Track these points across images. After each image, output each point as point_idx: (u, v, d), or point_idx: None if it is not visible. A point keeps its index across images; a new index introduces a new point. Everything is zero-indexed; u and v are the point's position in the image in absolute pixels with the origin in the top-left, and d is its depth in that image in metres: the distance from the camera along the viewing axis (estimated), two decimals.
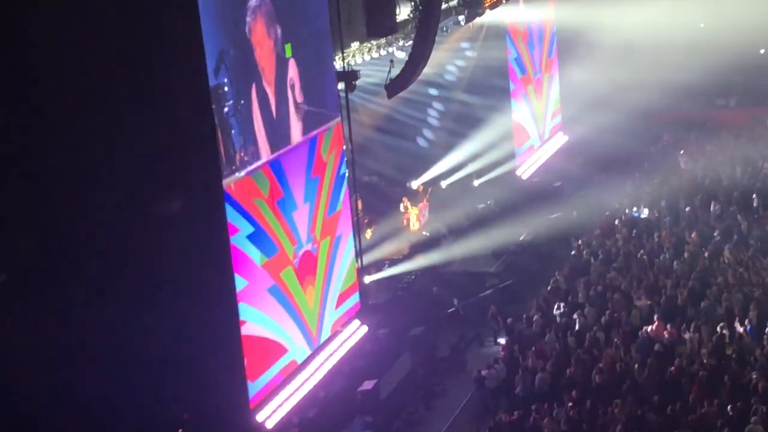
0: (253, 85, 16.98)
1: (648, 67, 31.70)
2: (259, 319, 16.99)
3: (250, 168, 16.67)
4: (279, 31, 17.57)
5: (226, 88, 16.00)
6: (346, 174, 19.71)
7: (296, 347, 18.10)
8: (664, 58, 31.80)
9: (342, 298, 19.62)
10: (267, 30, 17.33)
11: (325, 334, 19.06)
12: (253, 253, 16.85)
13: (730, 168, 27.68)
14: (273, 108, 17.48)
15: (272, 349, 17.41)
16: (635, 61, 31.44)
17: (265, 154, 17.09)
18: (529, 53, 29.49)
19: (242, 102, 16.53)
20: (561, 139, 31.82)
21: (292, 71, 17.97)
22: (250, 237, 16.72)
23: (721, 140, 29.97)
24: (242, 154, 16.51)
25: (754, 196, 25.52)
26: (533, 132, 30.06)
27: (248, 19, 16.82)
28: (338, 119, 19.32)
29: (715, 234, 23.68)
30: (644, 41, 31.68)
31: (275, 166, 17.36)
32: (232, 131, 16.28)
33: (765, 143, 29.18)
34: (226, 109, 16.02)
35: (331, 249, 19.20)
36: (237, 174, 16.30)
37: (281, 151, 17.53)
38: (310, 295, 18.46)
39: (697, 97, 32.58)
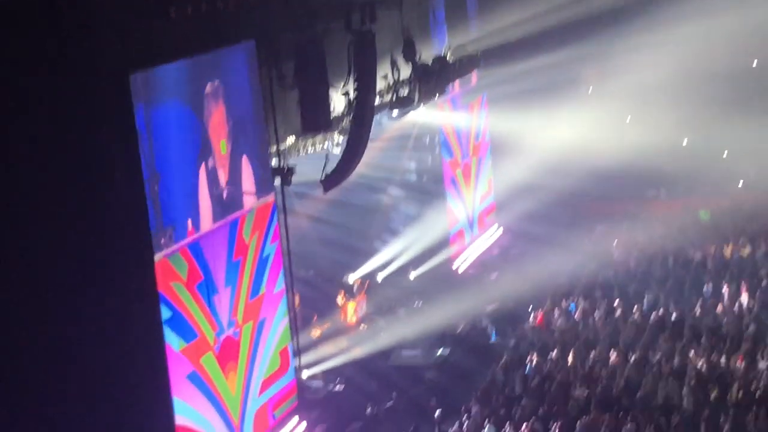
0: (203, 164, 16.45)
1: (578, 158, 31.16)
2: (179, 407, 15.66)
3: (167, 250, 15.53)
4: (225, 107, 17.03)
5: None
6: (271, 257, 18.58)
7: None
8: (593, 148, 31.32)
9: (266, 384, 18.30)
10: (220, 111, 16.86)
11: (248, 421, 17.69)
12: (172, 339, 15.60)
13: (662, 258, 27.01)
14: (221, 185, 16.91)
15: None
16: (565, 153, 30.89)
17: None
18: (457, 137, 28.84)
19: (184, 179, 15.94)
20: (496, 232, 31.05)
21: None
22: (168, 322, 15.52)
23: (654, 231, 29.38)
24: (163, 235, 15.50)
25: (685, 285, 24.93)
26: (461, 215, 29.25)
27: (205, 99, 16.48)
28: (261, 201, 18.29)
29: (649, 323, 22.89)
30: (572, 137, 31.20)
31: (194, 248, 16.24)
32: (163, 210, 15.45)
33: (695, 233, 28.84)
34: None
35: (254, 333, 17.97)
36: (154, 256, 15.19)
37: (200, 233, 16.44)
38: (232, 381, 17.16)
39: (627, 188, 32.26)
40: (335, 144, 22.30)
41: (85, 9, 13.99)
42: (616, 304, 24.38)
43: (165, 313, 15.50)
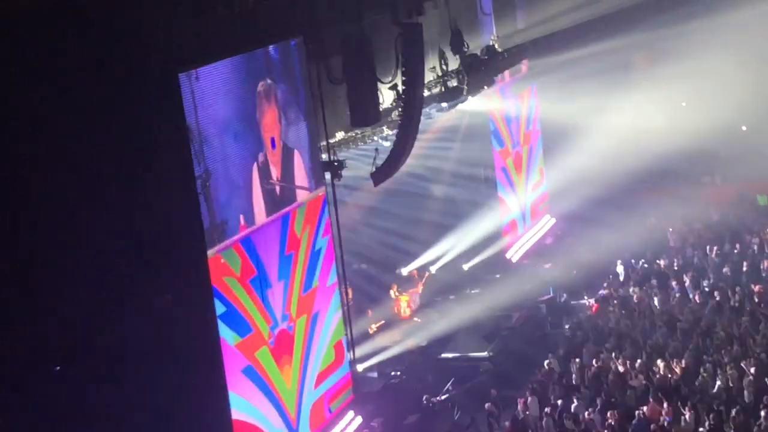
0: (255, 160, 16.54)
1: (632, 144, 30.77)
2: (234, 401, 15.69)
3: (219, 245, 15.59)
4: (278, 103, 17.15)
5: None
6: (322, 250, 18.61)
7: (274, 429, 16.78)
8: (647, 134, 30.92)
9: (321, 378, 18.33)
10: (273, 106, 16.98)
11: (305, 414, 17.72)
12: (226, 334, 15.66)
13: (719, 244, 26.51)
14: (273, 180, 16.98)
15: None
16: (619, 139, 30.53)
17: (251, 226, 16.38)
18: (507, 126, 28.74)
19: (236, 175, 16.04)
20: (548, 221, 30.88)
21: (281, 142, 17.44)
22: (222, 317, 15.56)
23: (709, 217, 28.95)
24: (216, 230, 15.59)
25: (743, 271, 24.49)
26: (514, 205, 29.15)
27: (257, 96, 16.58)
28: (312, 194, 18.35)
29: (706, 311, 22.56)
30: (625, 123, 30.82)
31: (246, 243, 16.27)
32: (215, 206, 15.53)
33: (751, 219, 28.34)
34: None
35: (308, 327, 17.98)
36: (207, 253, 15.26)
37: (252, 228, 16.47)
38: (287, 375, 17.18)
39: (682, 173, 31.93)
40: (385, 137, 22.25)
41: (134, 8, 14.14)
42: (673, 291, 24.05)
43: (219, 308, 15.55)
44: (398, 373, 22.67)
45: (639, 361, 20.74)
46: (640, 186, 31.71)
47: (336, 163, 19.24)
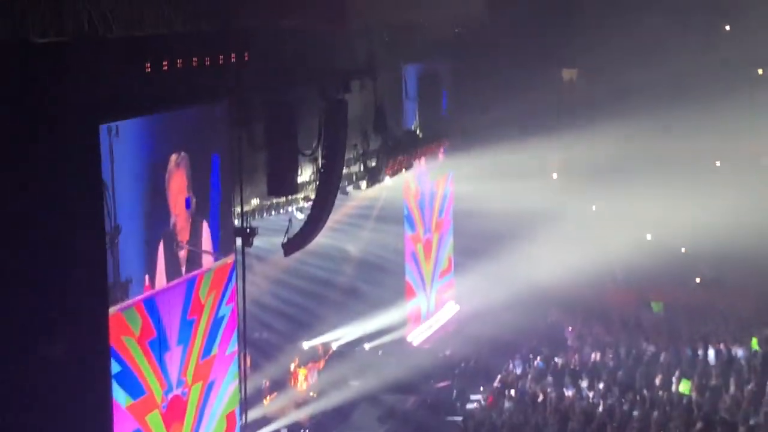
0: (164, 222, 16.29)
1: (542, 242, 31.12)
2: None
3: (122, 303, 15.20)
4: (187, 175, 16.86)
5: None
6: (225, 318, 18.26)
7: None
8: (557, 234, 31.31)
9: None
10: (181, 178, 16.68)
11: None
12: (119, 395, 15.17)
13: (614, 348, 26.75)
14: (180, 244, 16.70)
15: None
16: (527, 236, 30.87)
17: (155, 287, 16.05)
18: (420, 212, 28.72)
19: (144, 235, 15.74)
20: (453, 308, 30.85)
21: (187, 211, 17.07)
22: (117, 376, 15.09)
23: (608, 321, 29.19)
24: (119, 288, 15.20)
25: (636, 376, 24.65)
26: (420, 290, 29.03)
27: (168, 167, 16.31)
28: (220, 261, 18.07)
29: (598, 413, 22.61)
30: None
31: (149, 303, 15.91)
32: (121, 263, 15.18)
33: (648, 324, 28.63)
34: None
35: (203, 395, 17.52)
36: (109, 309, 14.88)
37: (156, 290, 16.14)
38: None
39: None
40: (300, 208, 22.11)
41: (59, 55, 13.93)
42: (566, 391, 24.20)
43: (114, 368, 15.08)
44: None
45: None
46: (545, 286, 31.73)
47: (248, 231, 19.04)
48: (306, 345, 26.81)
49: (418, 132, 25.66)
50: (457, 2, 28.83)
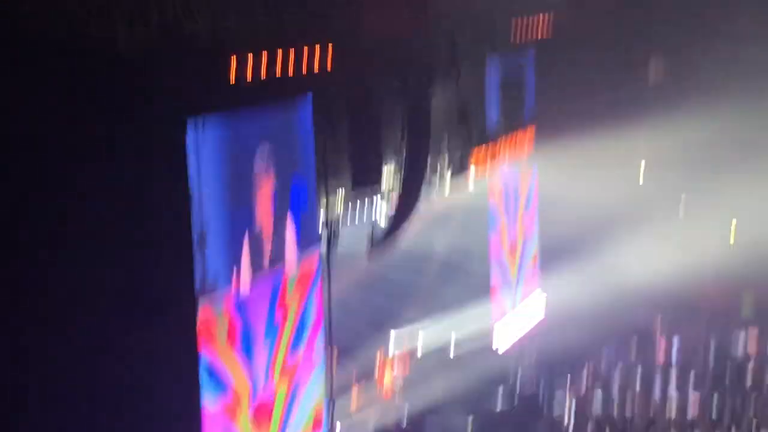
0: (249, 222, 16.23)
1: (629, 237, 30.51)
2: None
3: (209, 304, 15.17)
4: (274, 169, 16.78)
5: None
6: (311, 318, 18.24)
7: None
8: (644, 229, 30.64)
9: None
10: (268, 172, 16.64)
11: None
12: (207, 392, 15.12)
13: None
14: (265, 245, 16.66)
15: None
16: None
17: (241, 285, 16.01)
18: (504, 213, 28.15)
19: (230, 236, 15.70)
20: (540, 306, 30.19)
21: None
22: (205, 374, 15.03)
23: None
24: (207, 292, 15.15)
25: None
26: (506, 292, 28.50)
27: (255, 161, 16.30)
28: (306, 261, 17.98)
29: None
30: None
31: (235, 304, 15.89)
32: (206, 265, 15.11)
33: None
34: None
35: (290, 390, 17.50)
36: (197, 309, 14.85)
37: (243, 289, 16.09)
38: None
39: None
40: (383, 212, 21.94)
41: (145, 50, 13.89)
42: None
43: (203, 366, 15.06)
44: None
45: None
46: None
47: (333, 232, 18.93)
48: (392, 348, 26.68)
49: (503, 124, 25.27)
50: None
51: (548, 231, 30.33)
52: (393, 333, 26.83)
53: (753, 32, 29.93)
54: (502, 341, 28.20)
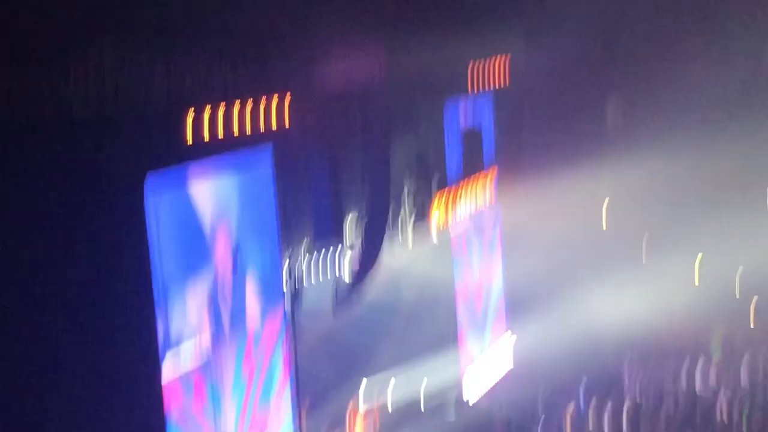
0: (210, 281, 16.15)
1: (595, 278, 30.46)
2: None
3: (174, 369, 15.02)
4: (232, 235, 16.72)
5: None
6: (279, 374, 18.12)
7: None
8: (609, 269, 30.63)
9: None
10: (226, 239, 16.56)
11: None
12: None
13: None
14: (228, 303, 16.55)
15: None
16: None
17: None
18: (468, 254, 27.98)
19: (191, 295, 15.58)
20: (507, 363, 30.07)
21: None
22: None
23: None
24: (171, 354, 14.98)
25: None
26: (475, 339, 28.34)
27: (215, 217, 16.23)
28: (270, 318, 17.92)
29: None
30: None
31: (201, 367, 15.75)
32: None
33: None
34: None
35: None
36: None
37: (207, 351, 15.95)
38: None
39: None
40: (346, 266, 21.70)
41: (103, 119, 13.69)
42: None
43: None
44: None
45: None
46: None
47: (296, 284, 18.79)
48: (361, 401, 26.33)
49: (464, 169, 25.22)
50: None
51: (513, 274, 30.43)
52: (362, 386, 26.69)
53: (708, 72, 30.21)
54: (473, 391, 27.99)
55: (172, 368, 15.03)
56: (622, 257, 31.10)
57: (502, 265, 30.29)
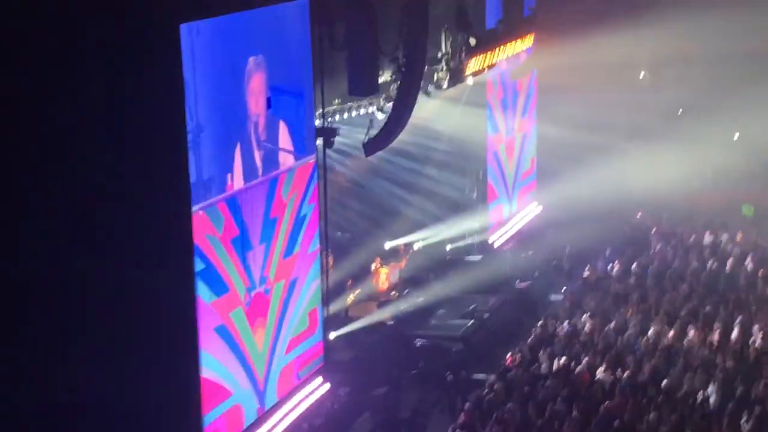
0: (244, 122, 16.51)
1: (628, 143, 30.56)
2: (204, 359, 15.63)
3: (204, 203, 15.50)
4: (266, 77, 16.95)
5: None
6: (307, 217, 18.55)
7: (241, 390, 16.76)
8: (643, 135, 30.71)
9: (293, 344, 18.31)
10: (260, 80, 16.79)
11: (273, 378, 17.73)
12: (203, 292, 15.56)
13: (700, 251, 26.46)
14: (261, 144, 16.91)
15: (215, 392, 16.06)
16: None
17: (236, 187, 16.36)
18: (502, 112, 28.43)
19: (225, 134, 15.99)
20: (534, 210, 30.71)
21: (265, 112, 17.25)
22: (200, 274, 15.46)
23: (693, 222, 28.70)
24: (202, 187, 15.51)
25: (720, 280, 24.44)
26: (501, 191, 28.91)
27: (247, 69, 16.43)
28: (302, 160, 18.32)
29: (681, 313, 22.53)
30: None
31: (231, 202, 16.18)
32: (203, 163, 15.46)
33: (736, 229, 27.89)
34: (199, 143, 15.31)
35: (285, 292, 17.93)
36: (192, 208, 15.17)
37: (238, 188, 16.43)
38: (259, 338, 17.14)
39: None
40: (380, 109, 22.08)
41: None
42: (649, 292, 24.07)
43: (198, 265, 15.43)
44: (370, 346, 22.56)
45: (607, 356, 20.78)
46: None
47: (329, 130, 19.18)
48: (388, 245, 27.05)
49: (500, 30, 25.22)
50: None
51: (545, 139, 30.80)
52: (389, 234, 27.43)
53: None
54: (498, 237, 28.69)
55: (203, 200, 15.53)
56: (659, 125, 31.25)
57: (534, 125, 30.64)
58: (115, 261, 14.56)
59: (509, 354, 21.81)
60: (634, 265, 25.79)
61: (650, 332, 21.72)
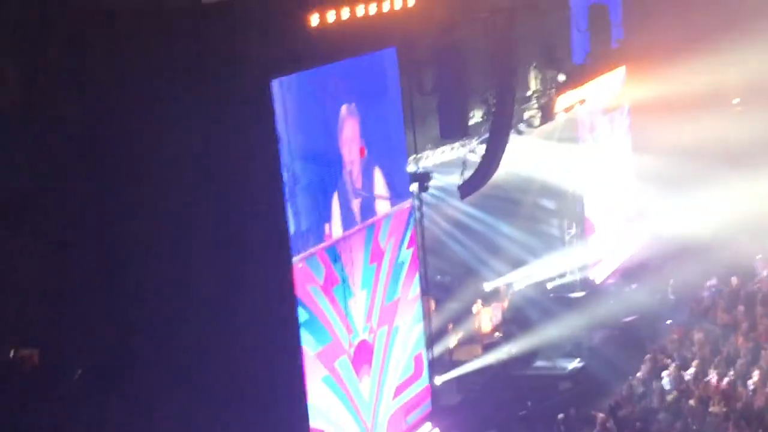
0: (339, 170, 16.66)
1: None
2: (312, 410, 15.63)
3: (304, 253, 15.60)
4: (359, 124, 17.13)
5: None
6: (406, 262, 18.49)
7: None
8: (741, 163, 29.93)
9: (400, 390, 18.18)
10: (354, 128, 16.95)
11: (381, 426, 17.62)
12: (307, 342, 15.59)
13: None
14: (357, 192, 17.05)
15: None
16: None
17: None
18: (595, 148, 27.94)
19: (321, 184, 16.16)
20: (636, 241, 30.11)
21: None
22: (304, 324, 15.51)
23: None
24: (302, 239, 15.64)
25: None
26: (600, 225, 28.44)
27: (340, 117, 16.62)
28: (398, 206, 18.32)
29: None
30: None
31: (331, 251, 16.27)
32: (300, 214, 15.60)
33: None
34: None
35: (389, 338, 17.88)
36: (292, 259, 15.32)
37: (337, 237, 16.51)
38: (365, 385, 17.09)
39: None
40: (472, 151, 21.96)
41: (230, 14, 14.21)
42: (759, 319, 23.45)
43: (302, 316, 15.50)
44: (476, 389, 22.32)
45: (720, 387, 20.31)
46: None
47: (423, 176, 19.18)
48: (488, 286, 26.85)
49: (589, 64, 25.04)
50: None
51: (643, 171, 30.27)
52: (490, 271, 27.20)
53: None
54: (599, 272, 28.20)
55: (302, 251, 15.60)
56: (757, 151, 30.49)
57: (631, 160, 30.20)
58: (221, 316, 14.79)
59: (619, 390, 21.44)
60: (741, 294, 25.22)
61: (762, 361, 21.25)
